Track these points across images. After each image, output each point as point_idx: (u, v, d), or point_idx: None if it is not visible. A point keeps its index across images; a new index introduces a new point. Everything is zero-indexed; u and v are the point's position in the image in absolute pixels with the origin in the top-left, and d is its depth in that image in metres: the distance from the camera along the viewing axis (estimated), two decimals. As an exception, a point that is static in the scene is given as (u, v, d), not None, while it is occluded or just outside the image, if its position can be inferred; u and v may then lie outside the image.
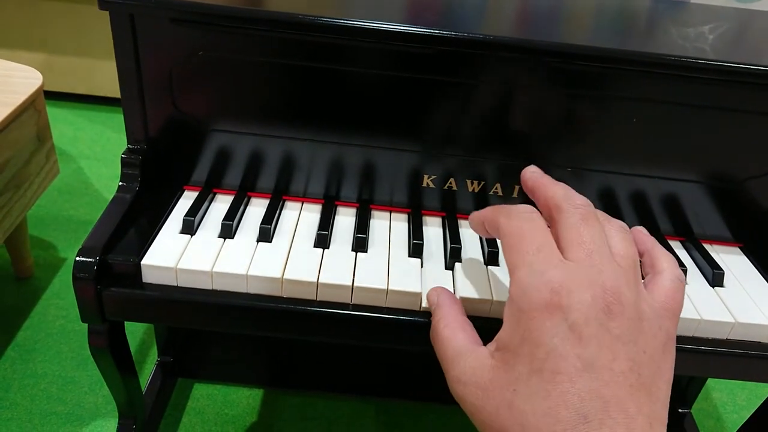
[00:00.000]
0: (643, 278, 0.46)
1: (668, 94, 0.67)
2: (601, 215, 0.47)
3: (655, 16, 0.83)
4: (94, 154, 1.73)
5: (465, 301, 0.60)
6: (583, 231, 0.44)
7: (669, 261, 0.47)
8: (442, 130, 0.69)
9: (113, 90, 1.95)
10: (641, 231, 0.51)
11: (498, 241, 0.62)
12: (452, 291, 0.60)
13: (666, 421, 0.40)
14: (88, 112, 1.93)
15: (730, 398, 1.17)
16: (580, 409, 0.37)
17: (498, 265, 0.66)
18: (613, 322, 0.39)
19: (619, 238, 0.45)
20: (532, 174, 0.52)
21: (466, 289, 0.61)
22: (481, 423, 0.42)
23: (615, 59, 0.64)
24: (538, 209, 0.49)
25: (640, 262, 0.48)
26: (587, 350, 0.38)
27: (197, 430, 1.00)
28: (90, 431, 0.99)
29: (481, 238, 0.69)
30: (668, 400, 0.41)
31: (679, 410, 1.07)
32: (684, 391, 1.06)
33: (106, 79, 1.93)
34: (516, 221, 0.47)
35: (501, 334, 0.43)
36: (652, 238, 0.51)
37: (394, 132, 0.70)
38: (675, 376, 0.42)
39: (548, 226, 0.47)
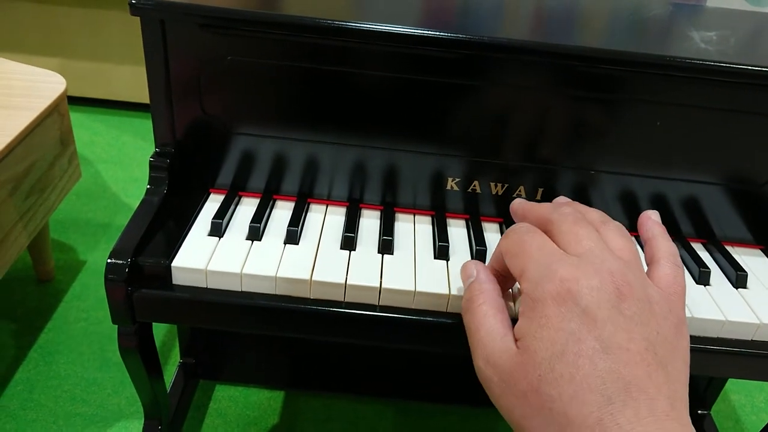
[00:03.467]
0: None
1: (689, 98, 0.67)
2: (597, 218, 0.49)
3: (672, 20, 0.83)
4: (111, 157, 1.74)
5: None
6: (578, 231, 0.46)
7: (667, 250, 0.49)
8: (466, 134, 0.70)
9: (129, 94, 1.97)
10: (649, 217, 0.53)
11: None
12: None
13: (687, 401, 0.40)
14: (103, 117, 1.95)
15: (748, 400, 1.17)
16: (603, 391, 0.38)
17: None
18: (624, 303, 0.41)
19: (614, 235, 0.47)
20: (519, 203, 0.56)
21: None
22: (506, 407, 0.43)
23: (639, 63, 0.65)
24: None
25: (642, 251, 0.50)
26: (604, 332, 0.40)
27: (219, 432, 1.01)
28: (114, 432, 1.00)
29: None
30: (687, 380, 0.42)
31: (699, 412, 1.07)
32: (703, 394, 1.06)
33: (122, 83, 1.94)
34: (513, 235, 0.49)
35: (519, 326, 0.44)
36: (661, 226, 0.52)
37: (418, 135, 0.70)
38: (695, 377, 0.43)
39: None
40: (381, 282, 0.62)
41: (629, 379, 0.38)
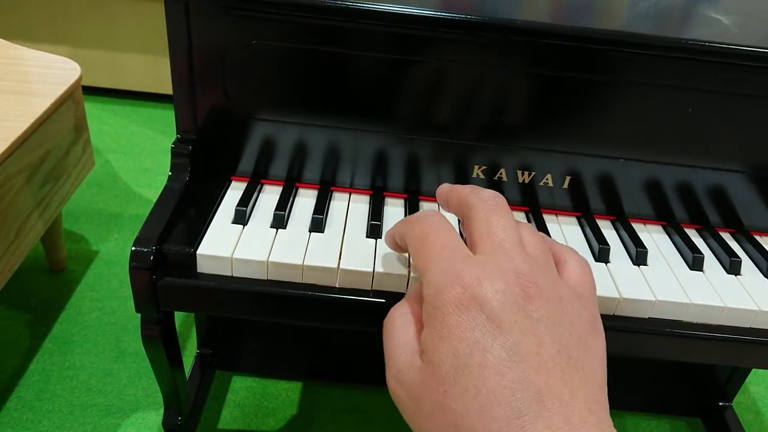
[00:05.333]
0: None
1: (721, 83, 0.66)
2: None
3: (694, 3, 0.82)
4: (120, 147, 1.73)
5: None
6: (492, 221, 0.43)
7: (569, 250, 0.48)
8: (494, 120, 0.69)
9: (138, 84, 1.96)
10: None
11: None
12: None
13: (606, 402, 0.38)
14: (112, 106, 1.94)
15: (768, 392, 1.17)
16: (513, 403, 0.35)
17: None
18: (531, 305, 0.38)
19: (528, 233, 0.45)
20: (442, 187, 0.52)
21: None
22: (417, 427, 0.40)
23: (668, 47, 0.64)
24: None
25: None
26: (510, 338, 0.37)
27: (238, 423, 1.00)
28: (131, 423, 0.99)
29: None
30: (605, 381, 0.39)
31: (720, 404, 1.06)
32: (724, 386, 1.05)
33: (130, 72, 1.93)
34: (418, 226, 0.46)
35: (423, 337, 0.40)
36: (549, 237, 0.52)
37: (444, 121, 0.69)
38: (717, 369, 0.41)
39: (461, 228, 0.47)
40: (409, 270, 0.61)
41: (540, 386, 0.35)
